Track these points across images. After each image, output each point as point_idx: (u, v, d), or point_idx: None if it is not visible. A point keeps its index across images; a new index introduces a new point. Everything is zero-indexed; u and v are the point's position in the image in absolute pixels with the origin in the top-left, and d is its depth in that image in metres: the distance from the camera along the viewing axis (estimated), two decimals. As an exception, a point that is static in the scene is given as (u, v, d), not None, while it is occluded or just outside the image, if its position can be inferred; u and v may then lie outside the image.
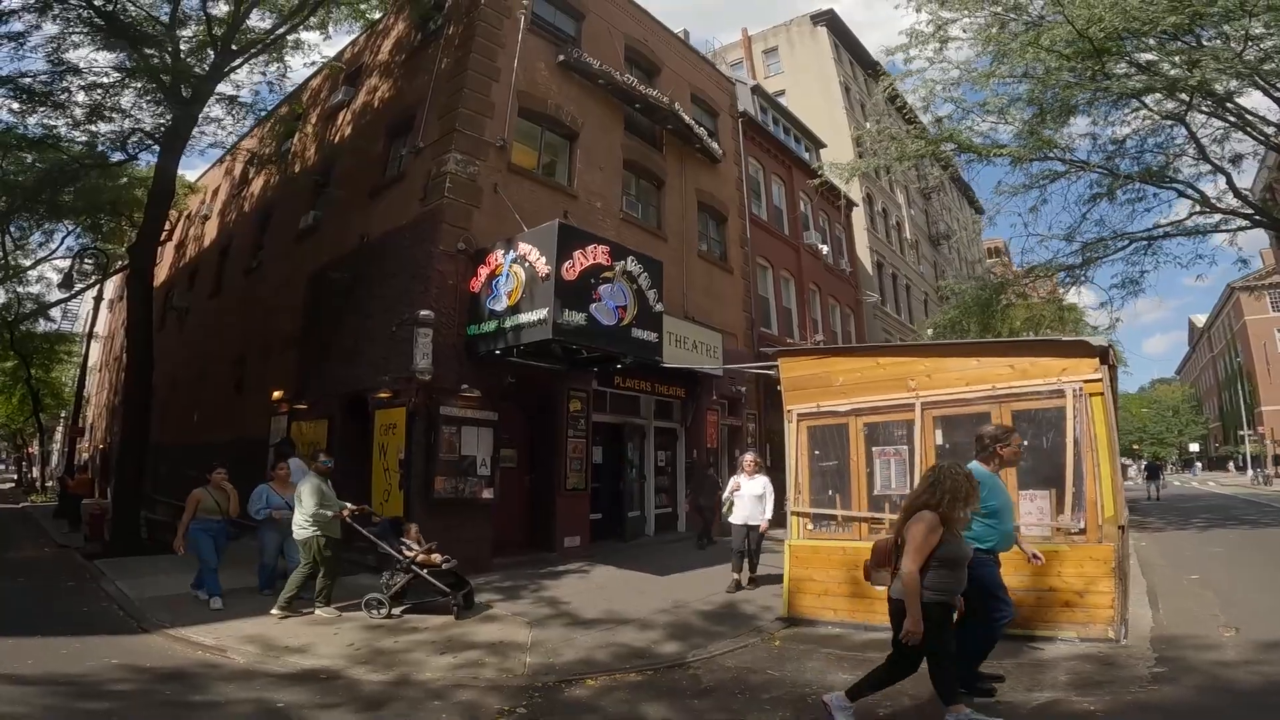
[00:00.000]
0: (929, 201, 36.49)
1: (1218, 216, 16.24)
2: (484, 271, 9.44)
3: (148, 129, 13.58)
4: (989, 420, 5.89)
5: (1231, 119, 13.98)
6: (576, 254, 8.55)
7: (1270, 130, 14.43)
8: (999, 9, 13.60)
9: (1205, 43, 12.14)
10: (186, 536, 7.20)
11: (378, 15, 14.37)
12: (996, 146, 15.42)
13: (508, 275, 8.95)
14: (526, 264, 8.63)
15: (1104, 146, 15.56)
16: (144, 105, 13.46)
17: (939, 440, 6.17)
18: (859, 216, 26.09)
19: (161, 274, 24.80)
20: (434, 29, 12.13)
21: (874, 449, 6.48)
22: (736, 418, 15.50)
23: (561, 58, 12.08)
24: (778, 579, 7.06)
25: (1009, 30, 13.14)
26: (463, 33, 10.93)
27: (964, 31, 13.71)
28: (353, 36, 15.43)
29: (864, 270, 25.81)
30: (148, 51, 12.28)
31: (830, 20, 30.45)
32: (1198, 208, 15.63)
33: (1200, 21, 11.63)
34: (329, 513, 6.62)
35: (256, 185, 18.45)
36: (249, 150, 17.55)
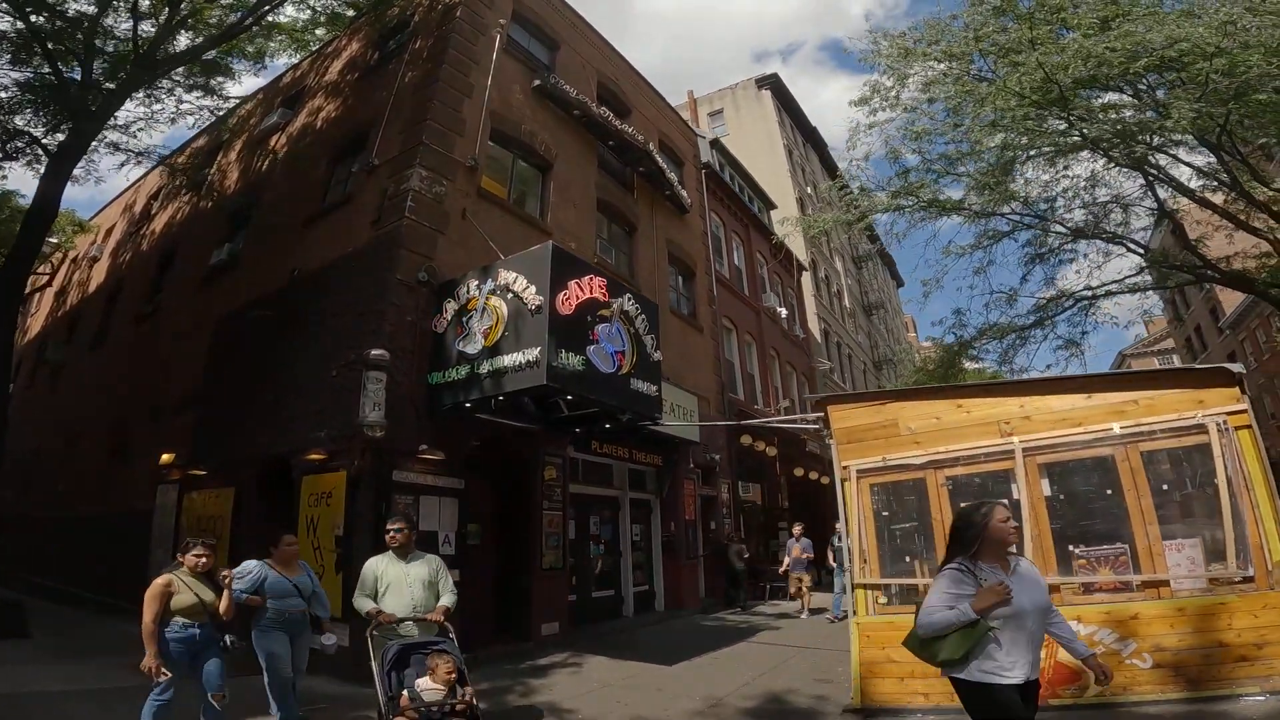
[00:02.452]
0: (861, 271, 37.73)
1: (1146, 277, 17.02)
2: (451, 307, 7.91)
3: (39, 137, 11.49)
4: (1110, 465, 4.90)
5: (1152, 174, 14.73)
6: (572, 284, 7.23)
7: (1165, 195, 15.32)
8: (954, 64, 13.99)
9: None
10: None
11: (317, 46, 13.24)
12: (955, 203, 15.64)
13: (484, 310, 7.47)
14: (510, 295, 7.21)
15: (1056, 197, 16.08)
16: (41, 115, 11.46)
17: (1048, 490, 5.09)
18: (806, 283, 26.21)
19: (36, 325, 21.55)
20: (395, 47, 11.01)
21: (962, 505, 5.30)
22: (712, 487, 14.15)
23: (538, 83, 11.21)
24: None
25: (972, 75, 13.42)
26: (433, 45, 9.84)
27: (929, 75, 13.91)
28: (293, 61, 14.09)
29: (812, 337, 25.69)
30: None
31: (774, 84, 31.69)
32: (1143, 264, 16.26)
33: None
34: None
35: (160, 221, 16.28)
36: (172, 168, 15.33)
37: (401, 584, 4.58)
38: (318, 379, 8.05)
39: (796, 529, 11.84)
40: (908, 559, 5.58)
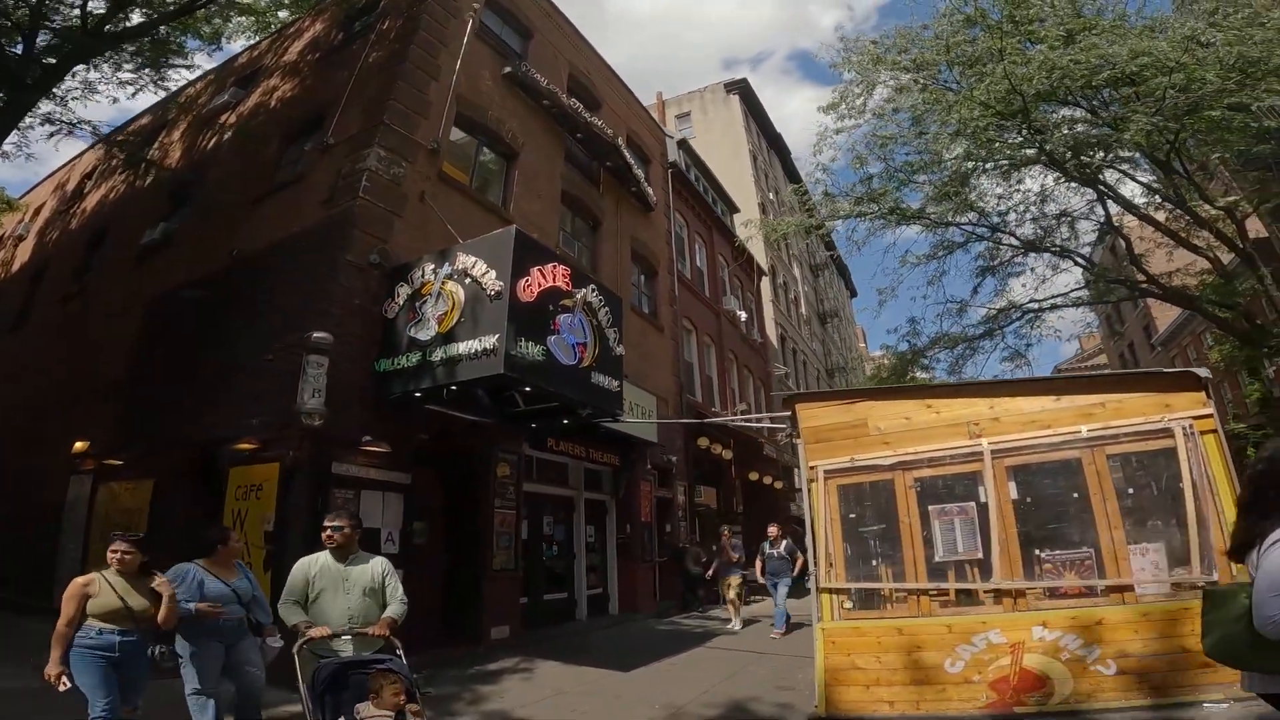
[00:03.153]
0: (817, 279, 38.26)
1: (1091, 289, 17.65)
2: (404, 292, 7.48)
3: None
4: (1077, 468, 4.86)
5: (1103, 189, 15.25)
6: (535, 271, 6.90)
7: (1114, 211, 15.94)
8: (922, 74, 14.20)
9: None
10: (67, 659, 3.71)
11: (279, 28, 12.63)
12: (915, 212, 15.88)
13: (439, 295, 7.08)
14: (469, 280, 6.83)
15: (1009, 211, 16.49)
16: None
17: (1015, 493, 5.02)
18: (765, 288, 26.34)
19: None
20: (360, 29, 10.53)
21: (930, 507, 5.21)
22: (669, 489, 13.93)
23: (508, 69, 10.89)
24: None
25: (939, 83, 13.63)
26: (402, 26, 9.43)
27: (898, 82, 14.08)
28: (253, 43, 13.41)
29: (770, 343, 25.83)
30: None
31: (743, 90, 31.87)
32: (1089, 277, 16.81)
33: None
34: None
35: (93, 200, 15.27)
36: (109, 143, 14.35)
37: (337, 590, 3.91)
38: (254, 363, 7.49)
39: (725, 531, 11.37)
40: (873, 563, 5.45)
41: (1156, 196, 15.69)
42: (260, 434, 6.84)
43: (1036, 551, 4.88)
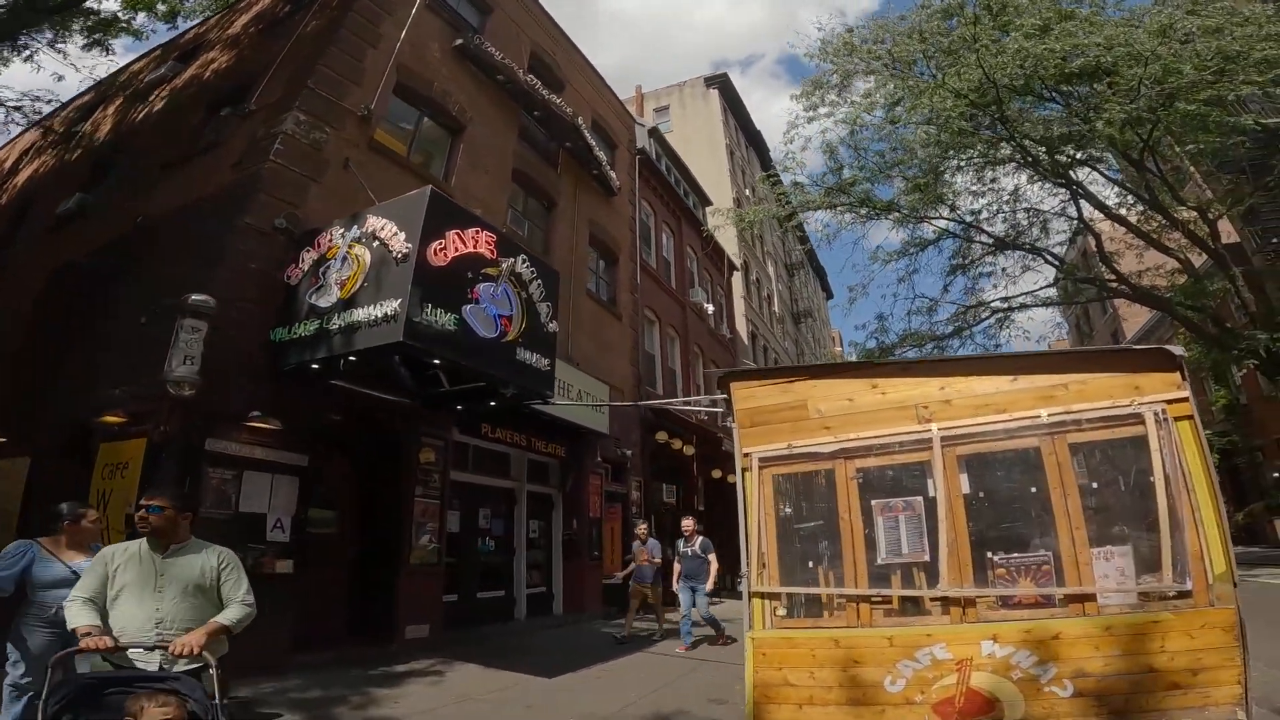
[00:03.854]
0: (792, 279, 37.88)
1: (1060, 289, 17.38)
2: (310, 257, 6.73)
3: None
4: (1036, 459, 4.27)
5: (1076, 189, 14.93)
6: (451, 235, 6.20)
7: (1087, 211, 15.66)
8: (897, 66, 13.74)
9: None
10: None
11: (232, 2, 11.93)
12: (887, 204, 15.44)
13: (345, 259, 6.35)
14: (376, 243, 6.10)
15: (981, 210, 16.14)
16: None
17: (967, 487, 4.41)
18: (737, 283, 25.80)
19: None
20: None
21: (874, 502, 4.59)
22: (622, 484, 13.27)
23: (459, 42, 10.36)
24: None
25: (915, 73, 13.18)
26: (346, -6, 8.71)
27: (871, 66, 13.61)
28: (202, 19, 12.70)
29: (740, 339, 25.29)
30: None
31: (723, 84, 31.41)
32: (1058, 275, 16.53)
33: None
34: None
35: (24, 175, 14.46)
36: (44, 127, 13.82)
37: (145, 588, 3.07)
38: (136, 332, 6.68)
39: (641, 528, 9.77)
40: (810, 564, 4.81)
41: (1129, 197, 15.44)
42: (129, 406, 6.05)
43: (989, 554, 4.28)
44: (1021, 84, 11.93)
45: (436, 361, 5.92)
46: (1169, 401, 4.04)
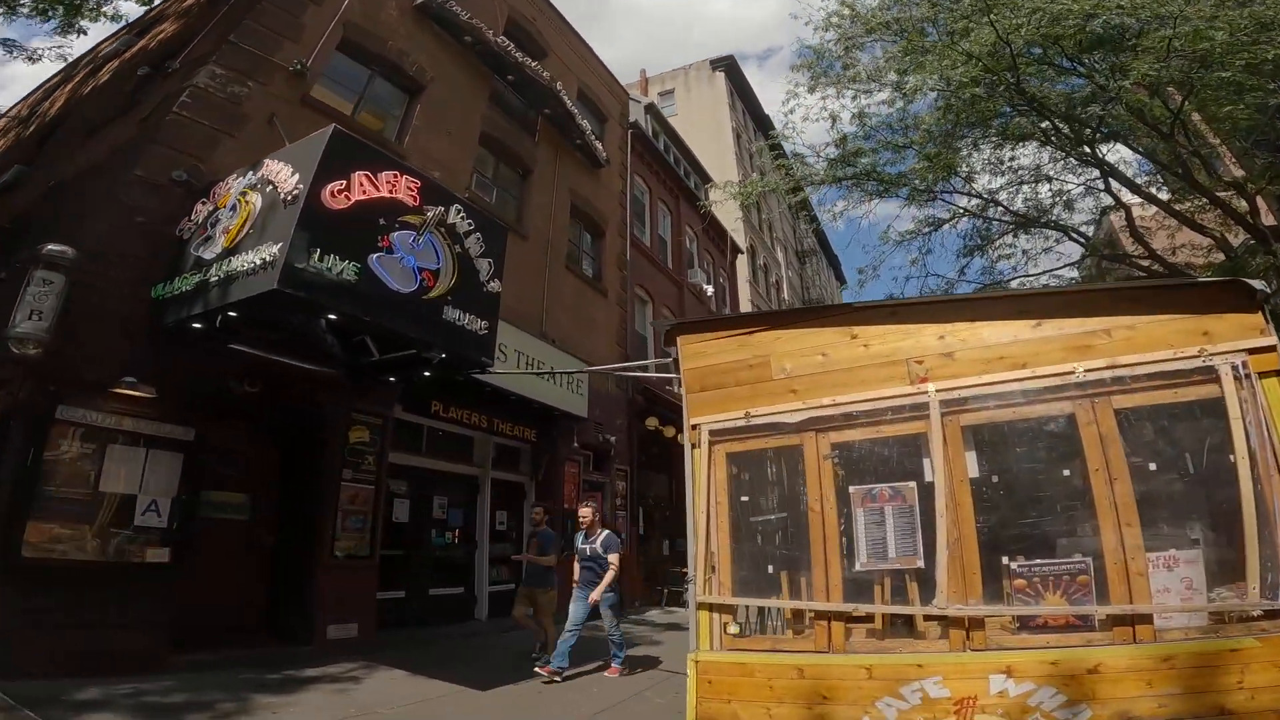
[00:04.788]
0: (804, 266, 36.64)
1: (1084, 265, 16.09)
2: (204, 209, 5.82)
3: None
4: (1069, 430, 3.21)
5: (1104, 166, 13.65)
6: (358, 177, 5.23)
7: (1118, 187, 14.35)
8: (905, 35, 12.56)
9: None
10: None
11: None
12: (897, 178, 14.25)
13: (235, 207, 5.40)
14: (270, 187, 5.14)
15: (999, 190, 14.90)
16: None
17: (975, 469, 3.34)
18: (742, 267, 24.67)
19: None
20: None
21: (853, 489, 3.54)
22: (604, 473, 12.26)
23: (420, 0, 9.27)
24: None
25: (927, 38, 11.99)
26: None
27: (873, 22, 12.42)
28: None
29: (746, 324, 24.10)
30: None
31: (729, 67, 30.31)
32: (1085, 254, 15.28)
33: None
34: None
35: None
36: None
37: None
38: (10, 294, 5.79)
39: (538, 512, 7.59)
40: (772, 569, 3.78)
41: (1159, 174, 14.16)
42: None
43: (1004, 560, 3.23)
44: (1039, 51, 10.74)
45: (332, 317, 4.95)
46: (1250, 351, 2.95)
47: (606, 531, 6.54)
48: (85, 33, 10.97)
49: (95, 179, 6.85)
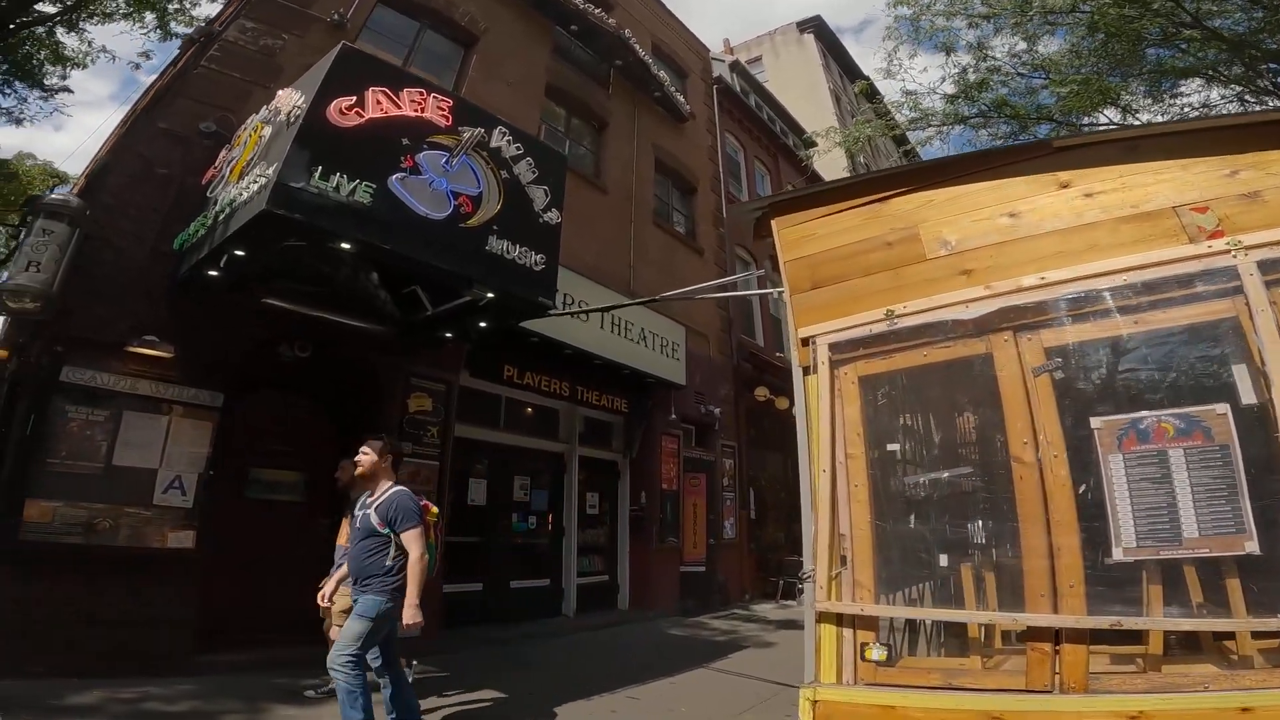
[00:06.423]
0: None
1: None
2: (224, 155, 5.18)
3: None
4: None
5: None
6: (372, 94, 4.35)
7: None
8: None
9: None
10: None
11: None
12: (1034, 111, 11.68)
13: (246, 142, 4.68)
14: (280, 116, 4.34)
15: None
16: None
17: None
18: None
19: None
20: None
21: (1095, 422, 2.08)
22: (708, 450, 10.99)
23: None
24: None
25: None
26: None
27: None
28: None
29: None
30: None
31: (818, 27, 28.01)
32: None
33: None
34: None
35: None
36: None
37: None
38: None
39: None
40: (944, 559, 2.38)
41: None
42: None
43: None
44: None
45: (346, 246, 4.05)
46: None
47: (396, 488, 3.56)
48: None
49: (126, 137, 6.60)
